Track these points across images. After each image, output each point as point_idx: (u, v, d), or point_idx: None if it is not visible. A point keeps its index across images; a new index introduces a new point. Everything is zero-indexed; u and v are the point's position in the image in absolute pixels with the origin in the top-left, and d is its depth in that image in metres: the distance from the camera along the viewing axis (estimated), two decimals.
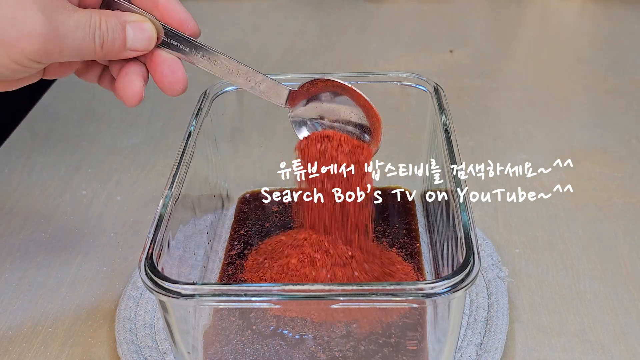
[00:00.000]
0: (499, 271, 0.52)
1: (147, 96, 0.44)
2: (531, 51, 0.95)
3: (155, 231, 0.40)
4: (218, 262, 0.53)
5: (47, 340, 0.49)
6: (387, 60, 0.90)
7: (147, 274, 0.37)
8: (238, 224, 0.58)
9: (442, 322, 0.41)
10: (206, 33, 0.46)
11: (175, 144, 0.49)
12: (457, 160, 0.45)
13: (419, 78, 0.55)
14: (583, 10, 1.06)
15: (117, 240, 0.58)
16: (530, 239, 0.57)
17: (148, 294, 0.50)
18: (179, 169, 0.46)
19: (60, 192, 0.65)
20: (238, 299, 0.37)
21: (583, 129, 0.73)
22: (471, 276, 0.37)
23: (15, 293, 0.53)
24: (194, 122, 0.51)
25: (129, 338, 0.47)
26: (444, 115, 0.50)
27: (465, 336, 0.47)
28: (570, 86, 0.83)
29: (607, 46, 0.95)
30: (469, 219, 0.41)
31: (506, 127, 0.74)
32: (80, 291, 0.53)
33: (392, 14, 1.05)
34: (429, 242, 0.54)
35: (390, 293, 0.36)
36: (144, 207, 0.62)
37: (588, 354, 0.47)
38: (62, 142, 0.73)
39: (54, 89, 0.83)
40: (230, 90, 0.56)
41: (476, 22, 1.03)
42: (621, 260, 0.55)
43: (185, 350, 0.42)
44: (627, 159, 0.68)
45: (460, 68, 0.88)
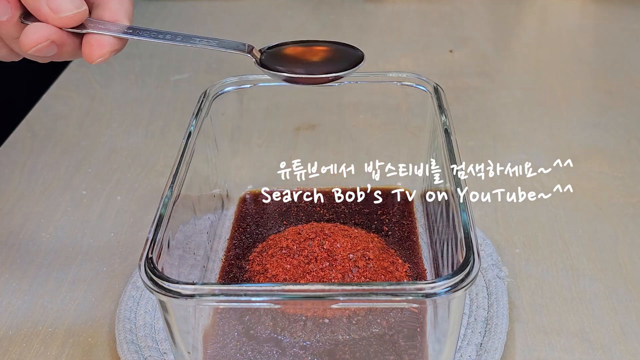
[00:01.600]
0: (499, 271, 0.52)
1: (147, 96, 0.44)
2: (531, 51, 0.95)
3: (155, 231, 0.40)
4: (218, 262, 0.53)
5: (47, 340, 0.49)
6: (387, 60, 0.90)
7: (147, 274, 0.37)
8: (238, 224, 0.58)
9: (442, 322, 0.41)
10: (206, 33, 0.46)
11: (175, 144, 0.49)
12: (457, 160, 0.45)
13: (419, 78, 0.55)
14: (583, 10, 1.06)
15: (117, 240, 0.58)
16: (530, 239, 0.57)
17: (148, 294, 0.50)
18: (179, 169, 0.46)
19: (61, 192, 0.65)
20: (238, 299, 0.37)
21: (583, 129, 0.73)
22: (471, 276, 0.37)
23: (15, 293, 0.53)
24: (194, 122, 0.51)
25: (129, 338, 0.47)
26: (444, 115, 0.50)
27: (465, 336, 0.47)
28: (570, 86, 0.83)
29: (607, 46, 0.95)
30: (469, 219, 0.41)
31: (506, 127, 0.74)
32: (80, 291, 0.53)
33: (392, 14, 1.05)
34: (429, 242, 0.54)
35: (390, 293, 0.36)
36: (144, 207, 0.62)
37: (588, 354, 0.47)
38: (62, 142, 0.73)
39: (55, 89, 0.83)
40: (230, 90, 0.56)
41: (476, 22, 1.03)
42: (621, 260, 0.55)
43: (185, 350, 0.42)
44: (627, 159, 0.68)
45: (460, 68, 0.88)
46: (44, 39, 0.40)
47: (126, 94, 0.82)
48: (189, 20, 1.03)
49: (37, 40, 0.40)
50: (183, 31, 0.44)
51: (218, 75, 0.57)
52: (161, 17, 1.02)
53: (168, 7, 1.06)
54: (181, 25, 1.01)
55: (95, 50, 0.41)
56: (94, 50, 0.41)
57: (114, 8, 0.42)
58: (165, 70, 0.86)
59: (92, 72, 0.86)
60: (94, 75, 0.86)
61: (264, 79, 0.56)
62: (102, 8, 0.42)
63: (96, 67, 0.87)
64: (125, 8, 0.43)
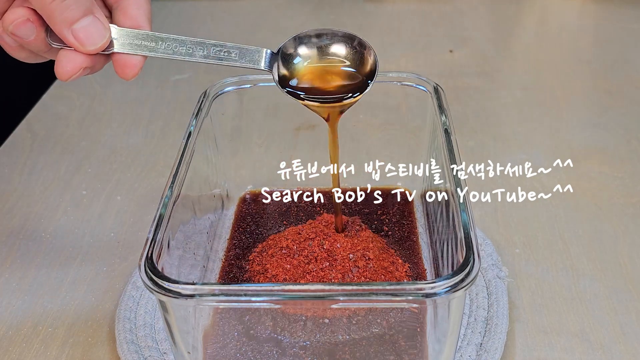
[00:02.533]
0: (499, 271, 0.52)
1: (147, 96, 0.44)
2: (531, 51, 0.95)
3: (155, 231, 0.40)
4: (218, 262, 0.53)
5: (47, 340, 0.49)
6: (387, 60, 0.90)
7: (147, 274, 0.37)
8: (238, 224, 0.58)
9: (442, 322, 0.41)
10: (206, 33, 0.46)
11: (175, 144, 0.49)
12: (457, 160, 0.45)
13: (419, 78, 0.55)
14: (583, 10, 1.06)
15: (117, 240, 0.58)
16: (530, 239, 0.57)
17: (148, 294, 0.50)
18: (179, 169, 0.46)
19: (60, 192, 0.65)
20: (238, 299, 0.37)
21: (583, 129, 0.73)
22: (471, 276, 0.37)
23: (15, 293, 0.53)
24: (194, 122, 0.51)
25: (129, 338, 0.47)
26: (444, 115, 0.50)
27: (465, 336, 0.47)
28: (570, 86, 0.83)
29: (607, 46, 0.95)
30: (469, 219, 0.41)
31: (506, 127, 0.74)
32: (80, 291, 0.53)
33: (392, 14, 1.05)
34: (429, 242, 0.54)
35: (390, 293, 0.36)
36: (144, 207, 0.62)
37: (588, 354, 0.47)
38: (62, 142, 0.73)
39: (54, 89, 0.83)
40: (230, 90, 0.56)
41: (476, 22, 1.03)
42: (621, 260, 0.55)
43: (185, 350, 0.42)
44: (627, 159, 0.68)
45: (460, 68, 0.88)
46: (78, 69, 0.41)
47: (126, 94, 0.82)
48: (189, 20, 1.03)
49: (72, 71, 0.41)
50: (183, 31, 0.43)
51: (218, 75, 0.57)
52: (161, 17, 1.02)
53: (168, 7, 1.06)
54: (181, 25, 1.00)
55: (128, 72, 0.42)
56: (127, 72, 0.42)
57: (133, 14, 0.42)
58: (165, 70, 0.86)
59: None
60: (93, 76, 0.86)
61: (264, 79, 0.56)
62: (122, 14, 0.42)
63: None
64: (144, 10, 0.43)
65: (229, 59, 0.43)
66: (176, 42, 0.42)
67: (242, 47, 0.43)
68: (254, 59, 0.43)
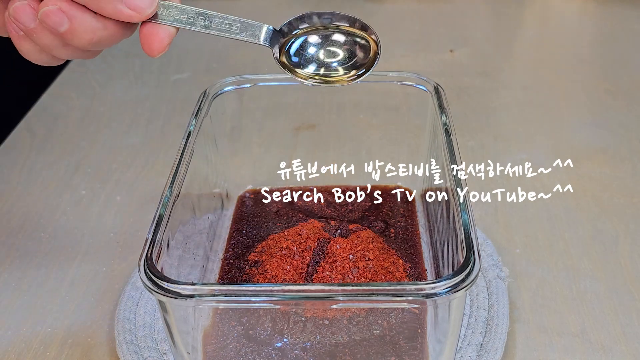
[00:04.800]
0: (500, 271, 0.52)
1: (147, 96, 0.44)
2: (531, 51, 0.95)
3: (155, 231, 0.40)
4: (218, 262, 0.53)
5: (47, 341, 0.49)
6: (387, 60, 0.90)
7: (147, 274, 0.37)
8: (238, 223, 0.58)
9: (442, 322, 0.41)
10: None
11: (175, 144, 0.49)
12: (457, 160, 0.45)
13: (419, 78, 0.55)
14: (583, 10, 1.06)
15: (116, 240, 0.58)
16: (531, 239, 0.57)
17: (148, 294, 0.50)
18: (178, 169, 0.46)
19: (60, 192, 0.64)
20: (237, 299, 0.37)
21: (583, 129, 0.73)
22: (471, 276, 0.36)
23: (15, 293, 0.53)
24: (193, 122, 0.51)
25: (129, 338, 0.47)
26: (444, 115, 0.50)
27: (466, 336, 0.47)
28: (570, 86, 0.83)
29: (607, 46, 0.95)
30: (469, 219, 0.40)
31: (506, 127, 0.74)
32: (80, 291, 0.53)
33: (392, 14, 1.05)
34: (429, 242, 0.53)
35: (390, 293, 0.36)
36: (143, 207, 0.62)
37: (589, 354, 0.47)
38: (62, 142, 0.73)
39: (54, 88, 0.83)
40: (230, 89, 0.56)
41: (476, 22, 1.03)
42: (622, 260, 0.55)
43: (185, 350, 0.41)
44: (628, 159, 0.68)
45: (460, 68, 0.88)
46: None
47: (126, 93, 0.82)
48: None
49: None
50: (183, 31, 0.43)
51: (218, 75, 0.57)
52: None
53: None
54: None
55: (156, 46, 0.40)
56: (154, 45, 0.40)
57: None
58: (165, 70, 0.86)
59: (92, 72, 0.86)
60: (93, 75, 0.86)
61: (264, 79, 0.56)
62: None
63: (96, 66, 0.87)
64: None
65: (230, 32, 0.43)
66: (177, 9, 0.42)
67: (244, 21, 0.43)
68: (255, 34, 0.44)
